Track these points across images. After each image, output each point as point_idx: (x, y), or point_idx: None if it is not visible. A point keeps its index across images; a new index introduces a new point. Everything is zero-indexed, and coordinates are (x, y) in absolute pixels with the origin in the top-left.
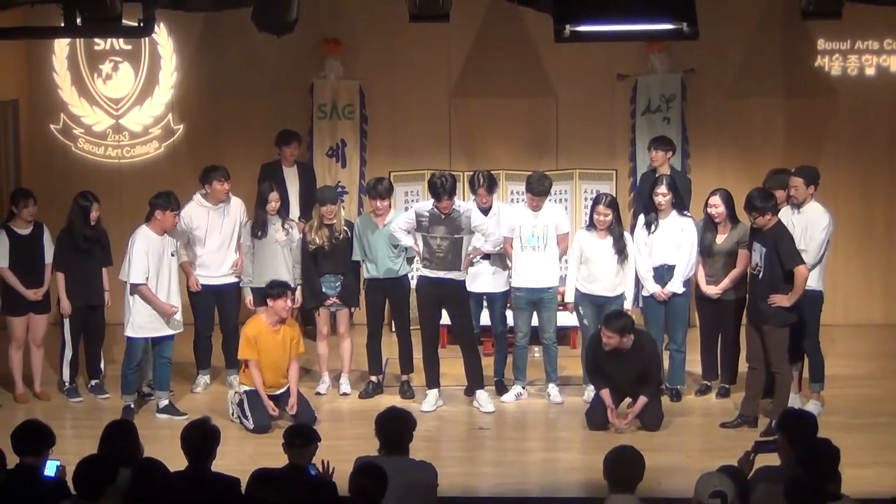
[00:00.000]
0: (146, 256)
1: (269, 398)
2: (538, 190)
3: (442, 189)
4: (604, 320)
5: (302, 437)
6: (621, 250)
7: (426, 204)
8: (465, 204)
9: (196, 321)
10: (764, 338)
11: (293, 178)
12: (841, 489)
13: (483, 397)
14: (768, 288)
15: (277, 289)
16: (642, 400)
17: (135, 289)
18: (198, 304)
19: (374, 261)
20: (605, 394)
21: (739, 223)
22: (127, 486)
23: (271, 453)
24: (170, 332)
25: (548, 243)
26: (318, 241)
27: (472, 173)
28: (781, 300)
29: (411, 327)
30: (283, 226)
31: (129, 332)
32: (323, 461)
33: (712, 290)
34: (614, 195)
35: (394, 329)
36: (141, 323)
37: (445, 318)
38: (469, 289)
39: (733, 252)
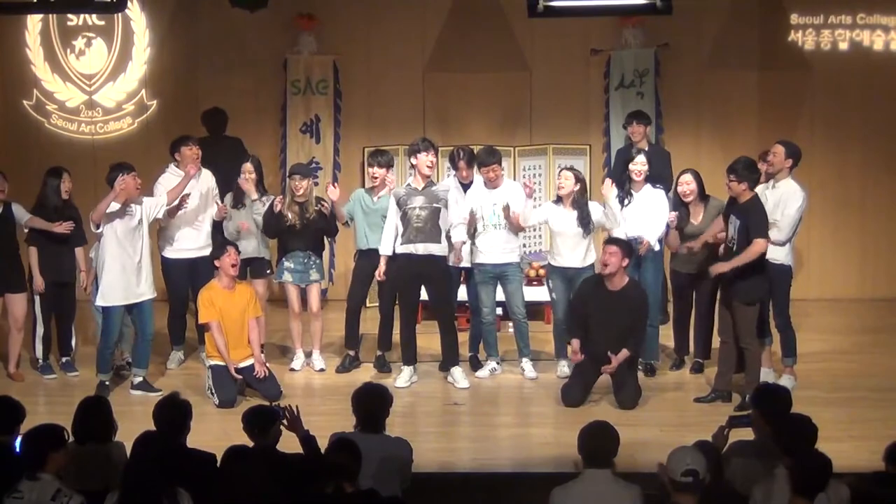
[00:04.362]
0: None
1: (235, 371)
2: (490, 161)
3: (423, 143)
4: (605, 241)
5: (259, 425)
6: (585, 224)
7: (400, 188)
8: (444, 183)
9: (170, 295)
10: (733, 313)
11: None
12: None
13: (458, 373)
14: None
15: (218, 249)
16: (624, 353)
17: (97, 232)
18: (171, 278)
19: (366, 234)
20: (576, 343)
21: (710, 199)
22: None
23: None
24: (142, 298)
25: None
26: (289, 216)
27: (451, 149)
28: (720, 267)
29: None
30: (261, 199)
31: (100, 301)
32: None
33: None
34: (588, 170)
35: (373, 304)
36: (111, 283)
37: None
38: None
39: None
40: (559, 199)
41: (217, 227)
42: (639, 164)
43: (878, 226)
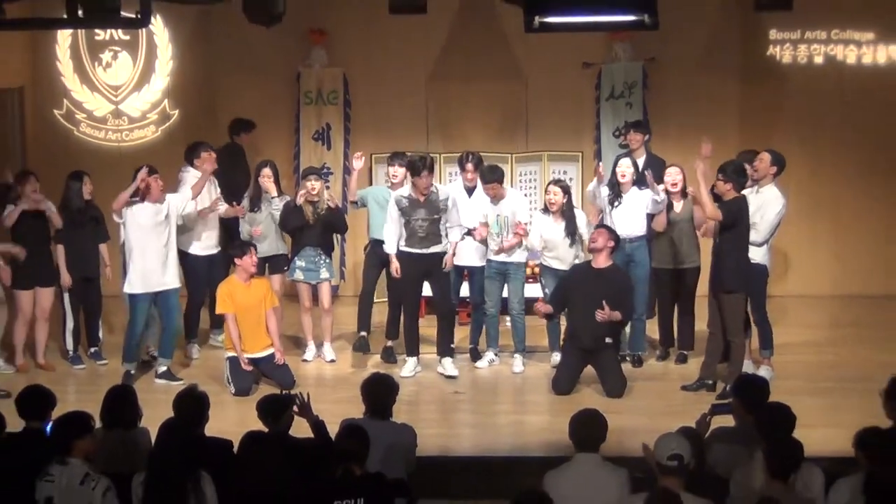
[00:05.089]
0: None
1: (251, 362)
2: (490, 178)
3: (422, 164)
4: (595, 226)
5: (272, 412)
6: (572, 233)
7: (402, 190)
8: (444, 189)
9: (192, 290)
10: (721, 306)
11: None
12: None
13: (447, 363)
14: (724, 256)
15: (240, 248)
16: (617, 314)
17: (120, 222)
18: (196, 273)
19: (379, 224)
20: (547, 307)
21: (689, 194)
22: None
23: None
24: (167, 287)
25: (510, 230)
26: (303, 214)
27: (456, 154)
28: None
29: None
30: (279, 197)
31: (127, 288)
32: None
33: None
34: (580, 176)
35: (380, 299)
36: (137, 271)
37: (426, 290)
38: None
39: (691, 217)
40: (546, 209)
41: (225, 228)
42: (623, 167)
43: (851, 225)
